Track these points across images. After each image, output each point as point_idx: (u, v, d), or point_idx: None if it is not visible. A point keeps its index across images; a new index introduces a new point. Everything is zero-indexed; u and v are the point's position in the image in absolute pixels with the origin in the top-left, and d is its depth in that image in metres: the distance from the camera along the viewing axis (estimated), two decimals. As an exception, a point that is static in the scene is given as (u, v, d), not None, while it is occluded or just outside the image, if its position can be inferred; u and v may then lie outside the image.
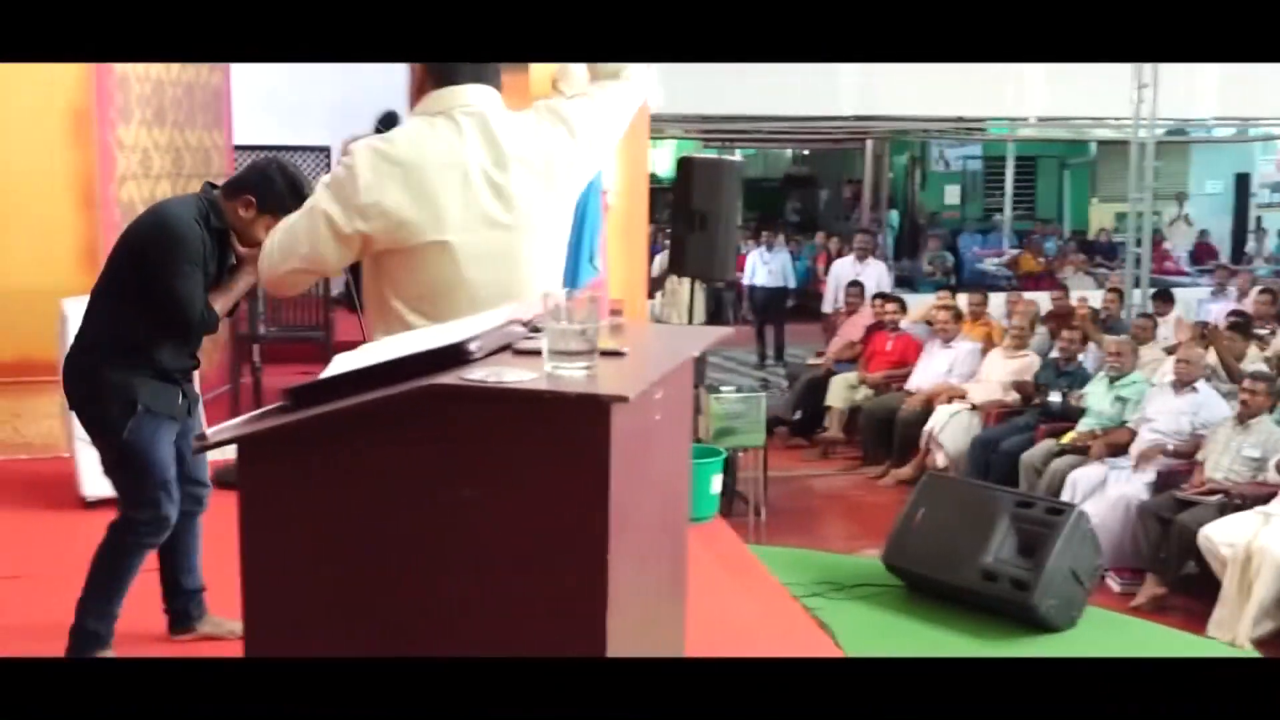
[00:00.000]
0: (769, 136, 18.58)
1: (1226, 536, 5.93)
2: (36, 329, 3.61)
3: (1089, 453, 7.33)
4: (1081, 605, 5.52)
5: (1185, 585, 6.32)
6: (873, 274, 12.27)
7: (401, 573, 1.87)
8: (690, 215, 6.73)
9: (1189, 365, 7.23)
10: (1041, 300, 11.22)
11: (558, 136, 2.62)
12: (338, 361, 2.03)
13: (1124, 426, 7.40)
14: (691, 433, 3.68)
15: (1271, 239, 20.40)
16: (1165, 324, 10.05)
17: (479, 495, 1.83)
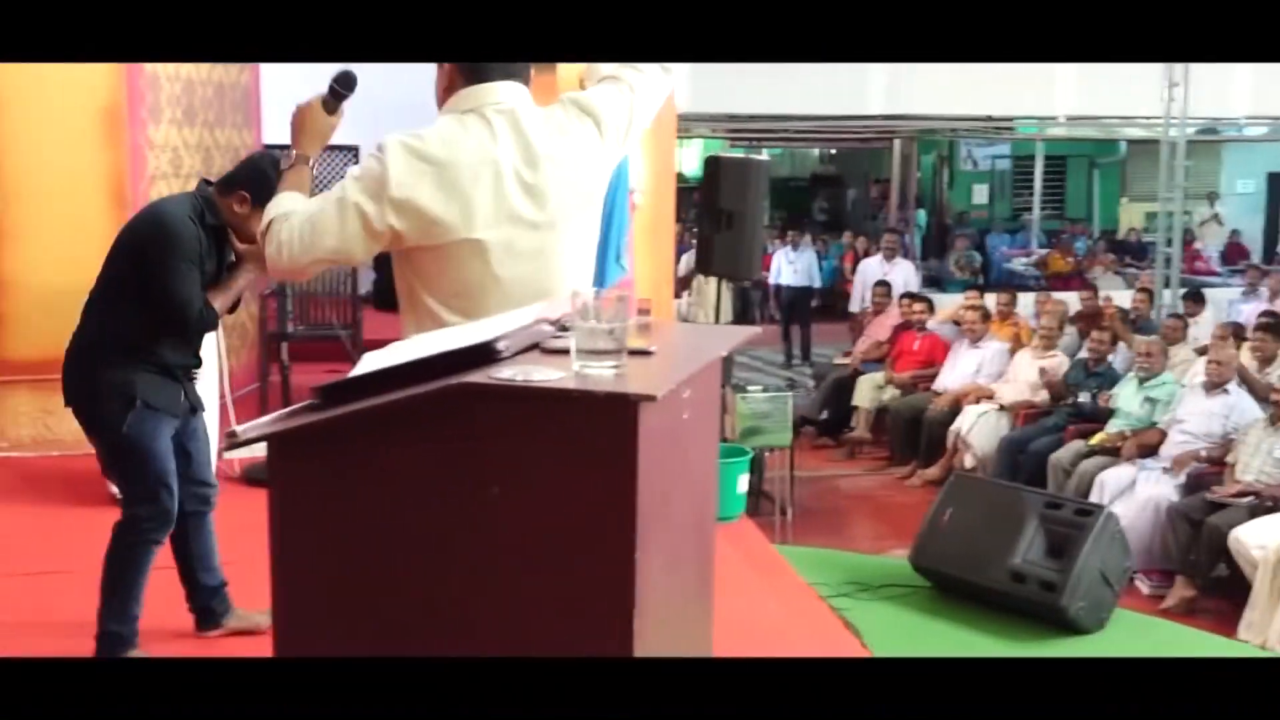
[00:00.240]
0: (796, 136, 18.54)
1: (1257, 539, 5.89)
2: (67, 327, 3.65)
3: (1120, 453, 7.29)
4: (1110, 607, 5.48)
5: (1216, 588, 6.28)
6: (900, 274, 12.22)
7: (429, 571, 1.88)
8: (717, 214, 6.72)
9: (1220, 366, 7.18)
10: (1070, 300, 11.15)
11: (586, 131, 2.61)
12: (367, 360, 2.03)
13: (1154, 427, 7.36)
14: (719, 432, 3.67)
15: (1304, 238, 20.23)
16: (1196, 324, 9.98)
17: (507, 493, 1.83)
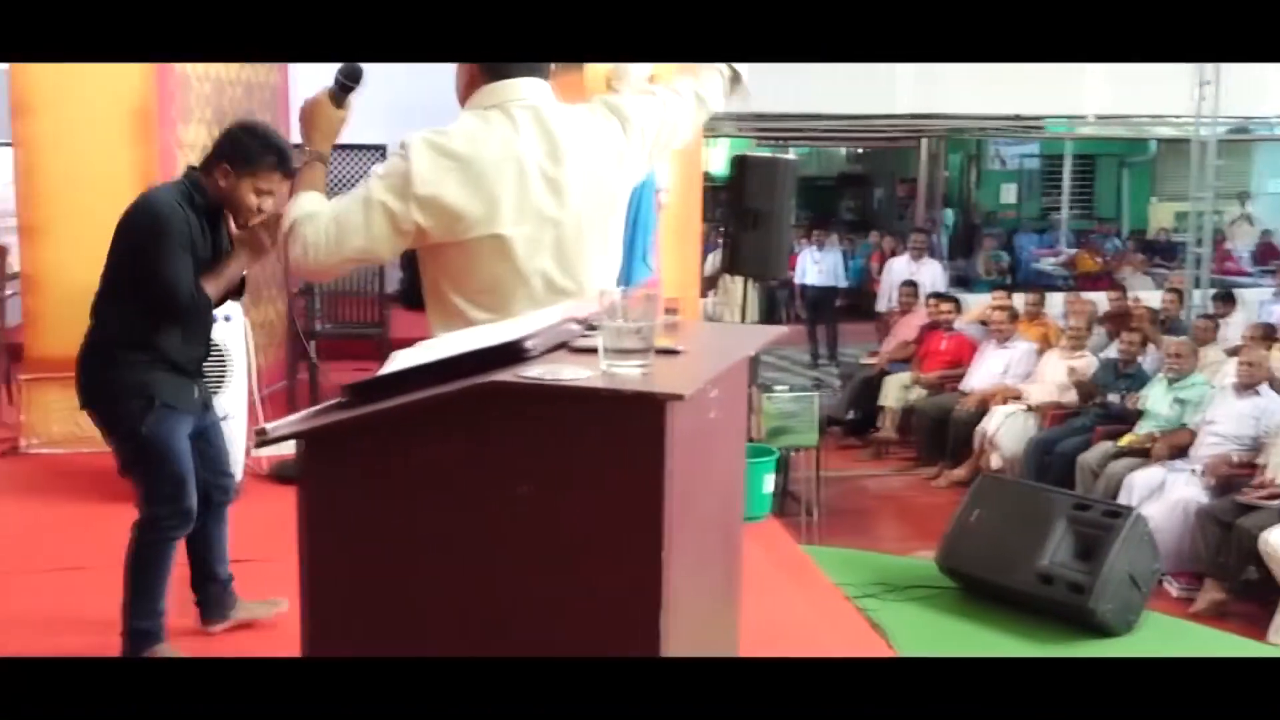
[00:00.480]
0: (824, 135, 18.44)
1: (1289, 542, 5.84)
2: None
3: (1151, 454, 7.23)
4: (1139, 610, 5.45)
5: (1246, 591, 6.23)
6: (928, 273, 12.18)
7: (457, 569, 1.88)
8: (745, 214, 6.72)
9: (1252, 368, 7.12)
10: (1099, 301, 11.09)
11: (610, 129, 2.62)
12: (396, 358, 2.04)
13: (1184, 429, 7.30)
14: (746, 432, 3.67)
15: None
16: (1226, 325, 9.90)
17: (535, 492, 1.83)
